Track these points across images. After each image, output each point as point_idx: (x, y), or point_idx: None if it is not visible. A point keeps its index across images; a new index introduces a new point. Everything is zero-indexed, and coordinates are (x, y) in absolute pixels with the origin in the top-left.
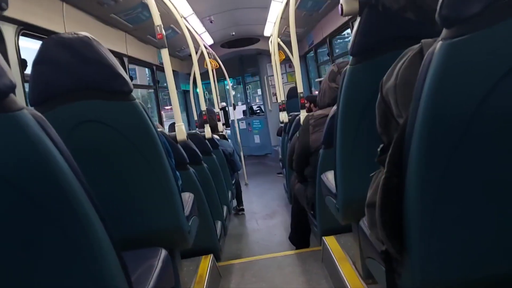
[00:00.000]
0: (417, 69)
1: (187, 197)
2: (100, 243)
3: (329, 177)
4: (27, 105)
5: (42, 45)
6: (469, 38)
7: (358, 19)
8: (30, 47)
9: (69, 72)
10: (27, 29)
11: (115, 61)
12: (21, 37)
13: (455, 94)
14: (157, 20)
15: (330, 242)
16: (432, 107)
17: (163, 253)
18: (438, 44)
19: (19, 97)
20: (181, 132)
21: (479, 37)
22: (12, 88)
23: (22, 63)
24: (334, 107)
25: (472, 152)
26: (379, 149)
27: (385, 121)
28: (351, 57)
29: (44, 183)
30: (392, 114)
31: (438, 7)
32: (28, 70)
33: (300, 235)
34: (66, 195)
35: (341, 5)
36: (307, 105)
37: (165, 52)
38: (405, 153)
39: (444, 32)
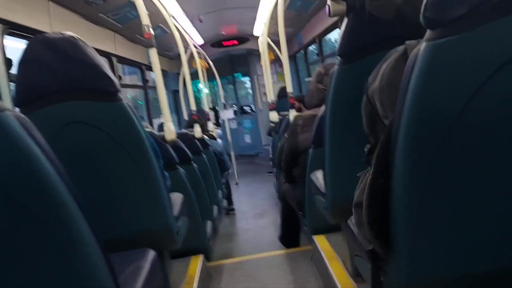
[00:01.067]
0: (401, 71)
1: (176, 198)
2: (86, 245)
3: (318, 176)
4: (13, 105)
5: (27, 45)
6: (453, 40)
7: (345, 21)
8: (16, 47)
9: (54, 73)
10: (13, 28)
11: (101, 61)
12: (7, 37)
13: (439, 95)
14: (145, 19)
15: (320, 241)
16: (417, 108)
17: (151, 254)
18: (422, 45)
19: (4, 97)
20: (170, 131)
21: (463, 39)
22: None
23: (7, 63)
24: (323, 107)
25: (456, 152)
26: (365, 149)
27: (371, 122)
28: (338, 58)
29: (28, 185)
30: (378, 115)
31: (422, 8)
32: (14, 70)
33: (290, 235)
34: (51, 197)
35: (328, 6)
36: (296, 105)
37: (153, 52)
38: (391, 154)
39: (428, 33)
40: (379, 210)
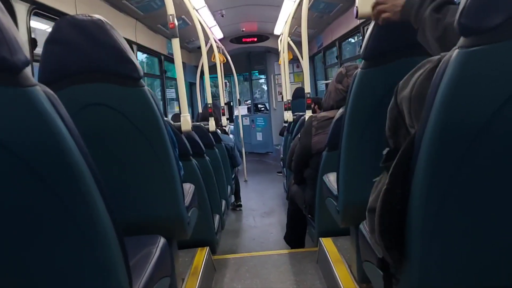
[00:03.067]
0: None
1: (188, 188)
2: (103, 224)
3: (331, 179)
4: None
5: (55, 24)
6: (486, 49)
7: (372, 23)
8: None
9: (80, 54)
10: (39, 9)
11: (127, 46)
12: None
13: (467, 104)
14: (171, 9)
15: (327, 243)
16: (444, 115)
17: (162, 241)
18: (455, 52)
19: None
20: (186, 123)
21: (497, 48)
22: (26, 63)
23: (33, 43)
24: (341, 110)
25: (479, 163)
26: (384, 152)
27: (395, 126)
28: (362, 61)
29: (52, 160)
30: (403, 120)
31: (457, 15)
32: (37, 50)
33: (295, 235)
34: (72, 173)
35: (357, 7)
36: (312, 106)
37: (176, 42)
38: (413, 163)
39: (462, 40)
40: (392, 219)
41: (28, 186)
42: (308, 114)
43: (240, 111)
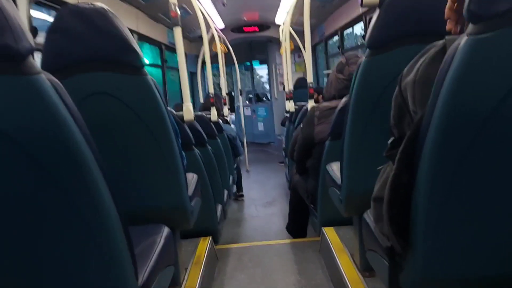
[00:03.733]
0: (438, 67)
1: (191, 178)
2: (107, 214)
3: (334, 168)
4: None
5: (57, 13)
6: (496, 35)
7: (377, 11)
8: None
9: (83, 42)
10: None
11: (129, 35)
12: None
13: (475, 91)
14: None
15: (329, 233)
16: (451, 103)
17: (166, 230)
18: (463, 39)
19: None
20: (189, 112)
21: (506, 35)
22: (30, 51)
23: (33, 32)
24: (344, 99)
25: (486, 152)
26: (389, 142)
27: (399, 114)
28: (367, 49)
29: (56, 149)
30: (407, 109)
31: (466, 2)
32: (38, 39)
33: (297, 225)
34: (77, 162)
35: None
36: (314, 96)
37: (178, 31)
38: (418, 150)
39: (470, 27)
40: (400, 206)
41: (32, 177)
42: (310, 104)
43: (242, 100)
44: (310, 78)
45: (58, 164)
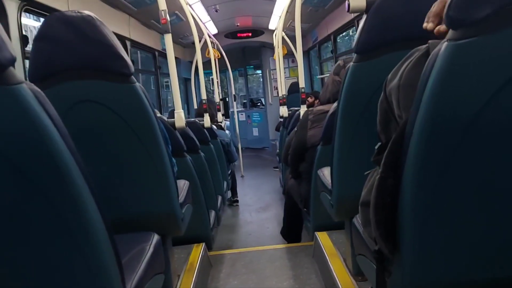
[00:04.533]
0: (421, 71)
1: (182, 184)
2: (92, 223)
3: (325, 173)
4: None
5: (44, 21)
6: (475, 41)
7: (364, 17)
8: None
9: (70, 50)
10: (30, 5)
11: (117, 43)
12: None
13: (457, 96)
14: (162, 4)
15: (322, 237)
16: (434, 107)
17: (155, 238)
18: (444, 45)
19: (19, 74)
20: (180, 119)
21: (486, 40)
22: (12, 61)
23: (23, 40)
24: (335, 104)
25: (470, 155)
26: (376, 147)
27: (385, 120)
28: (355, 55)
29: (39, 159)
30: (393, 114)
31: (446, 7)
32: (29, 47)
33: (292, 230)
34: (60, 172)
35: (348, 1)
36: (310, 100)
37: (168, 38)
38: (403, 154)
39: (451, 33)
40: (387, 210)
41: (14, 187)
42: (303, 109)
43: (236, 106)
44: (302, 83)
45: (41, 173)
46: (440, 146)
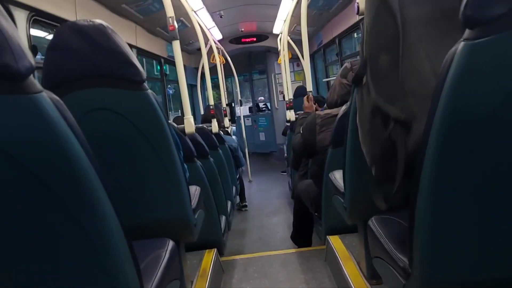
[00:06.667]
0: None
1: (194, 190)
2: (111, 230)
3: (337, 176)
4: None
5: (56, 31)
6: (492, 40)
7: None
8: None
9: (82, 59)
10: (39, 16)
11: (129, 50)
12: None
13: (474, 96)
14: (170, 11)
15: (335, 241)
16: (451, 107)
17: (171, 244)
18: (461, 45)
19: None
20: (190, 125)
21: (502, 39)
22: (31, 70)
23: (33, 50)
24: (344, 107)
25: (488, 155)
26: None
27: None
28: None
29: (58, 167)
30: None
31: (462, 7)
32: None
33: (302, 234)
34: (80, 180)
35: (358, 3)
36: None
37: (176, 44)
38: (420, 157)
39: (467, 32)
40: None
41: (34, 196)
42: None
43: (242, 111)
44: (309, 87)
45: (60, 181)
46: (458, 145)
